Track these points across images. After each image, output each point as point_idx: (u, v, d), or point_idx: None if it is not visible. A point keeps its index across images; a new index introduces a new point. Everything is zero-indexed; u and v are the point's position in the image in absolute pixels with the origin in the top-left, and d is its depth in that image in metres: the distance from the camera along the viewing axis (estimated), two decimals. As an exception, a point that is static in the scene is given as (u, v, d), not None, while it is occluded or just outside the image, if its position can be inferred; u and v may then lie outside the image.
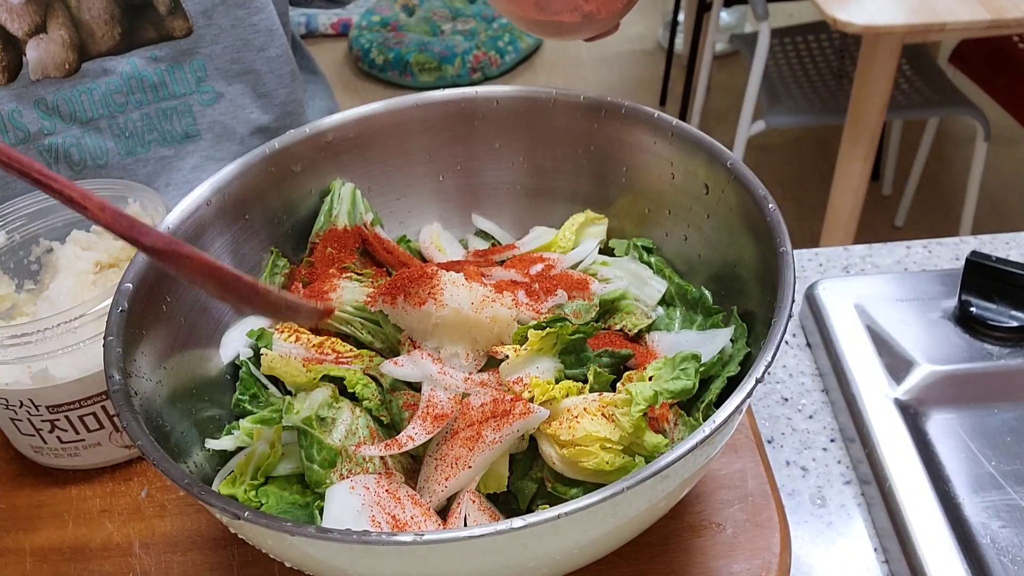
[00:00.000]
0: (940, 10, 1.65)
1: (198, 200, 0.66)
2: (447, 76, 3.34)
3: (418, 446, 0.57)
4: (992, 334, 0.75)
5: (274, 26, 0.91)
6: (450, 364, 0.60)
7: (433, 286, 0.60)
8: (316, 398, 0.58)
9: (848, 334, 0.76)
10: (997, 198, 2.60)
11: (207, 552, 0.64)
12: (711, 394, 0.59)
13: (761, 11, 2.03)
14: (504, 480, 0.56)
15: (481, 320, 0.60)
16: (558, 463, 0.55)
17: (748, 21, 3.34)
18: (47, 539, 0.66)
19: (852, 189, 1.95)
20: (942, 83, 2.16)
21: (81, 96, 0.84)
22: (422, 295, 0.60)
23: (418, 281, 0.61)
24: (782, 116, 2.13)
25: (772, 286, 0.55)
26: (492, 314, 0.60)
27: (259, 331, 0.67)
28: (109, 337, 0.55)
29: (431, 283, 0.60)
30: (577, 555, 0.51)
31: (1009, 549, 0.61)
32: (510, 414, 0.54)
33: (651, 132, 0.69)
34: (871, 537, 0.65)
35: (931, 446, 0.68)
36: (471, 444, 0.55)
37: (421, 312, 0.60)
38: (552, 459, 0.55)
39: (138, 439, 0.49)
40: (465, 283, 0.61)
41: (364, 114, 0.73)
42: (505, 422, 0.54)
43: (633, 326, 0.67)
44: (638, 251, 0.72)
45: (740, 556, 0.61)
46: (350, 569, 0.47)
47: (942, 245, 0.90)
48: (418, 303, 0.60)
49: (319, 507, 0.55)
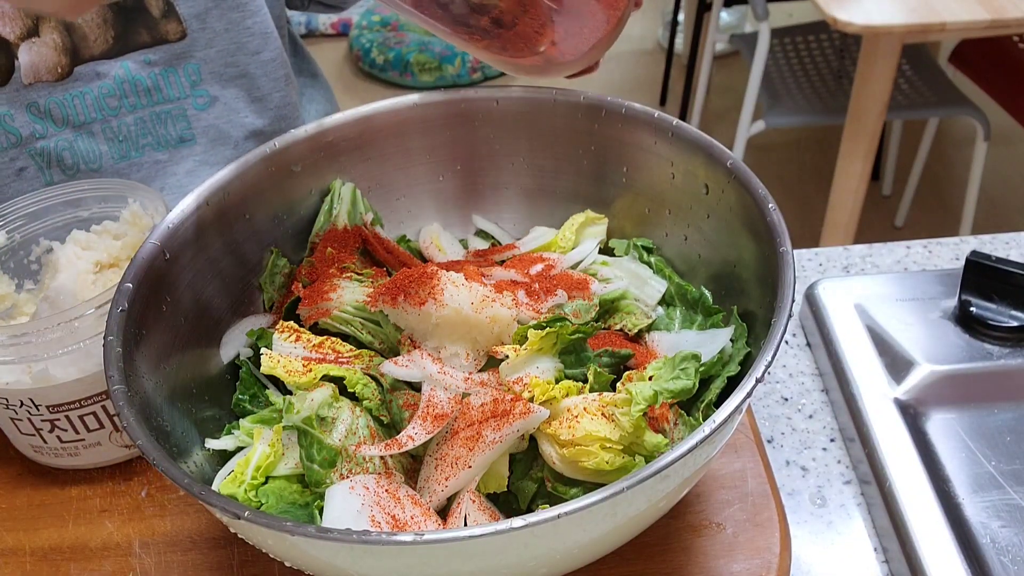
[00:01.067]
0: (940, 10, 1.65)
1: (198, 199, 0.66)
2: (447, 76, 3.34)
3: (418, 446, 0.57)
4: (992, 334, 0.75)
5: (268, 29, 0.91)
6: (450, 364, 0.60)
7: (433, 286, 0.60)
8: (316, 398, 0.58)
9: (848, 334, 0.76)
10: (997, 198, 2.60)
11: (207, 552, 0.64)
12: (711, 394, 0.59)
13: (761, 11, 2.03)
14: (504, 480, 0.56)
15: (481, 320, 0.60)
16: (558, 463, 0.55)
17: (748, 21, 3.34)
18: (47, 539, 0.66)
19: (852, 189, 1.95)
20: (942, 83, 2.16)
21: (74, 100, 0.84)
22: (422, 295, 0.60)
23: (418, 281, 0.61)
24: (782, 116, 2.13)
25: (772, 286, 0.55)
26: (492, 314, 0.60)
27: (259, 331, 0.67)
28: (109, 337, 0.55)
29: (431, 283, 0.60)
30: (577, 555, 0.51)
31: (1009, 549, 0.61)
32: (510, 414, 0.54)
33: (651, 132, 0.69)
34: (871, 537, 0.65)
35: (931, 446, 0.68)
36: (471, 444, 0.55)
37: (421, 312, 0.60)
38: (552, 459, 0.55)
39: (138, 439, 0.49)
40: (465, 283, 0.61)
41: (364, 114, 0.73)
42: (505, 422, 0.54)
43: (633, 326, 0.67)
44: (638, 251, 0.72)
45: (740, 556, 0.61)
46: (350, 569, 0.47)
47: (942, 245, 0.90)
48: (418, 303, 0.60)
49: (319, 507, 0.55)
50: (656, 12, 3.68)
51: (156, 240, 0.62)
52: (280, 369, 0.61)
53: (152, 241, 0.61)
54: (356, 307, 0.64)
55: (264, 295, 0.71)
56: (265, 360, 0.61)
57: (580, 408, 0.56)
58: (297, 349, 0.63)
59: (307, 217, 0.74)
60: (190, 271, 0.65)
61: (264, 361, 0.61)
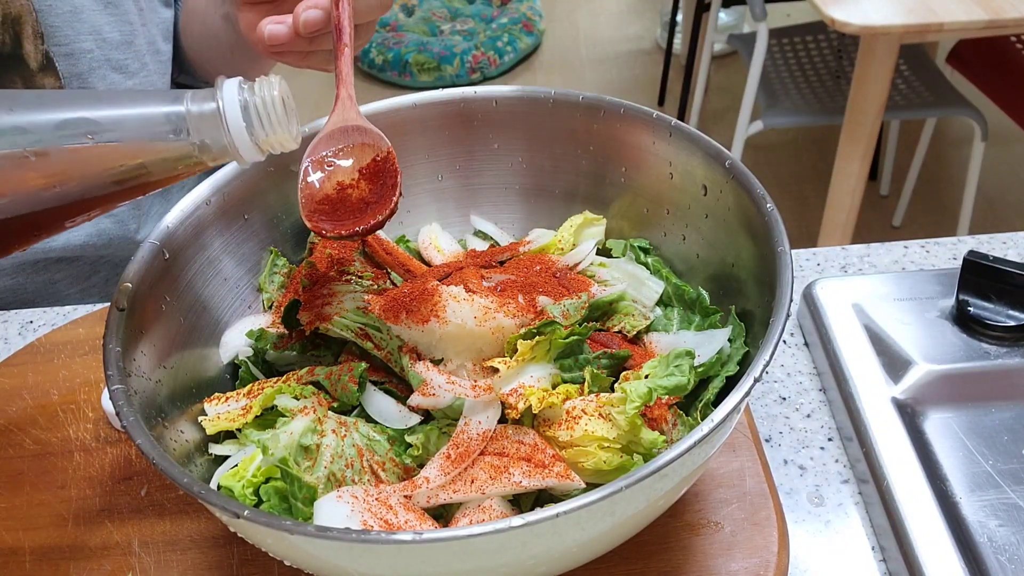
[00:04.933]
0: (938, 10, 1.65)
1: (197, 200, 0.66)
2: (446, 76, 3.34)
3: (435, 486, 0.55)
4: (989, 333, 0.75)
5: (151, 89, 0.89)
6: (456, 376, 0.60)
7: (435, 303, 0.60)
8: (296, 428, 0.57)
9: (846, 333, 0.76)
10: (994, 198, 2.60)
11: (206, 551, 0.64)
12: (709, 393, 0.59)
13: (759, 11, 2.03)
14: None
15: (485, 332, 0.60)
16: (557, 463, 0.55)
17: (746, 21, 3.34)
18: (47, 538, 0.66)
19: (850, 189, 1.95)
20: (940, 83, 2.16)
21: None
22: (424, 313, 0.60)
23: (419, 299, 0.61)
24: (780, 116, 2.13)
25: (770, 286, 0.56)
26: (495, 325, 0.60)
27: (259, 331, 0.67)
28: (108, 336, 0.55)
29: (432, 300, 0.60)
30: (576, 554, 0.51)
31: (1006, 548, 0.62)
32: (546, 468, 0.54)
33: (650, 132, 0.69)
34: (869, 536, 0.65)
35: (928, 445, 0.68)
36: (495, 474, 0.54)
37: (425, 329, 0.60)
38: (551, 459, 0.55)
39: (138, 438, 0.49)
40: (467, 297, 0.61)
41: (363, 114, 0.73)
42: (539, 473, 0.54)
43: (632, 327, 0.67)
44: (635, 252, 0.72)
45: (738, 554, 0.61)
46: (349, 568, 0.48)
47: (940, 245, 0.90)
48: (421, 320, 0.60)
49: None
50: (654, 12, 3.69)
51: (156, 240, 0.62)
52: (223, 423, 0.60)
53: (152, 241, 0.62)
54: (357, 313, 0.64)
55: (263, 295, 0.71)
56: (207, 424, 0.60)
57: (579, 410, 0.56)
58: (230, 404, 0.62)
59: (306, 217, 0.74)
60: (189, 271, 0.65)
61: (206, 426, 0.60)
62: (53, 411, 0.76)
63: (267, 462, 0.55)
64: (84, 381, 0.79)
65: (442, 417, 0.60)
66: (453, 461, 0.55)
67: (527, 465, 0.54)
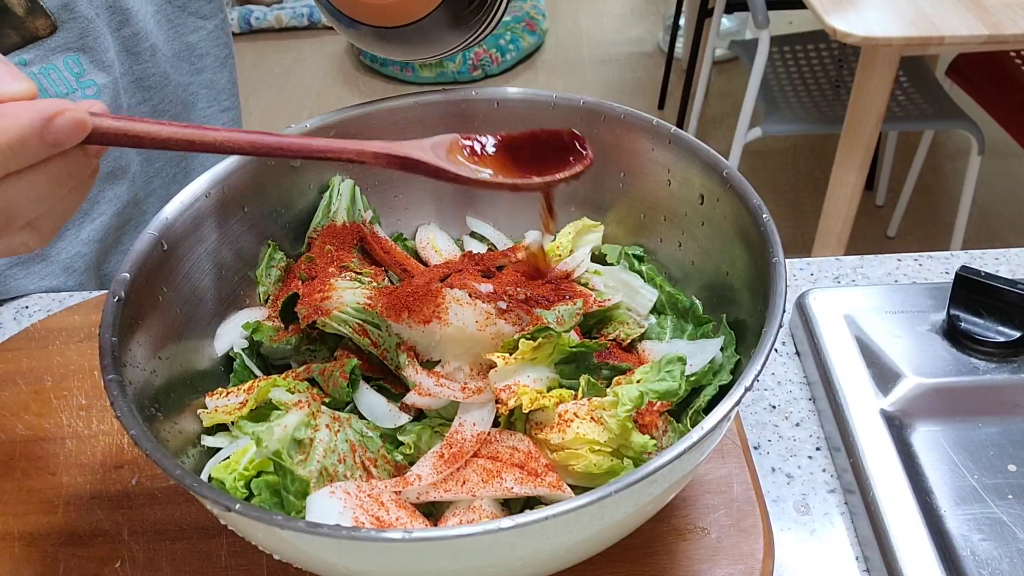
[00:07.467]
0: (939, 24, 1.66)
1: (197, 192, 0.66)
2: (448, 72, 3.34)
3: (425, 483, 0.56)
4: (979, 348, 0.75)
5: (133, 4, 0.88)
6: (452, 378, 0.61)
7: (438, 304, 0.60)
8: (290, 422, 0.57)
9: (837, 344, 0.77)
10: (990, 211, 2.62)
11: (196, 541, 0.64)
12: (701, 401, 0.59)
13: (762, 18, 2.04)
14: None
15: (485, 337, 0.60)
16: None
17: (748, 28, 3.34)
18: (36, 524, 0.67)
19: (846, 198, 1.96)
20: (938, 96, 2.17)
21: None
22: (427, 313, 0.60)
23: (423, 299, 0.61)
24: (779, 123, 2.14)
25: (764, 295, 0.56)
26: (495, 331, 0.60)
27: (255, 324, 0.67)
28: (104, 326, 0.55)
29: (436, 301, 0.60)
30: (563, 556, 0.51)
31: (989, 562, 0.62)
32: (539, 477, 0.54)
33: (649, 139, 0.70)
34: (853, 546, 0.66)
35: (915, 458, 0.69)
36: (487, 477, 0.54)
37: (426, 329, 0.61)
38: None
39: (131, 428, 0.50)
40: (470, 301, 0.61)
41: (365, 112, 0.73)
42: (531, 481, 0.54)
43: (626, 336, 0.67)
44: (629, 260, 0.72)
45: (723, 561, 0.61)
46: (339, 563, 0.48)
47: (933, 259, 0.90)
48: (423, 321, 0.60)
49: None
50: (657, 16, 3.69)
51: (154, 231, 0.62)
52: (221, 416, 0.60)
53: (150, 231, 0.62)
54: (357, 309, 0.64)
55: (260, 288, 0.71)
56: (205, 417, 0.61)
57: (571, 413, 0.57)
58: (231, 399, 0.62)
59: (305, 212, 0.74)
60: (187, 262, 0.65)
61: (205, 418, 0.61)
62: (46, 397, 0.76)
63: (261, 454, 0.56)
64: (78, 368, 0.79)
65: (435, 417, 0.61)
66: (446, 461, 0.55)
67: (520, 472, 0.54)
